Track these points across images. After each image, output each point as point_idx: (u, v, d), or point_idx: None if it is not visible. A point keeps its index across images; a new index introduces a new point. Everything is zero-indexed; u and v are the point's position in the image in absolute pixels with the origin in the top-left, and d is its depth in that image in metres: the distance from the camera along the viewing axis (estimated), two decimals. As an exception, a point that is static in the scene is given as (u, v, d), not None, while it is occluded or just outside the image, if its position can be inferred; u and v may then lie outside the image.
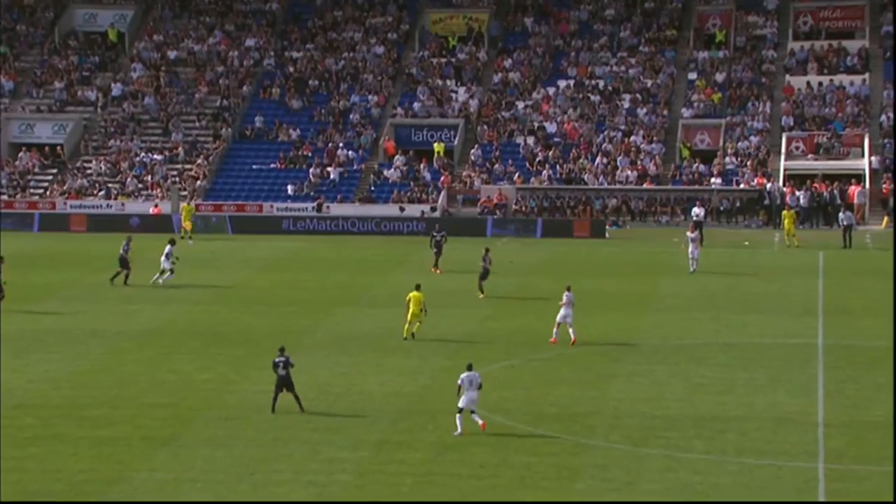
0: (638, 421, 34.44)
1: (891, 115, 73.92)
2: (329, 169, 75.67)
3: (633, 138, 75.37)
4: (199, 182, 75.99)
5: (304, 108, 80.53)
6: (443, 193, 73.11)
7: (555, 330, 42.27)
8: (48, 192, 76.49)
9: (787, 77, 77.86)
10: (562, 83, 79.52)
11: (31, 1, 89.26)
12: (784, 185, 70.76)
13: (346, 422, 34.68)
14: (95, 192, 75.93)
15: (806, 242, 63.06)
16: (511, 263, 58.53)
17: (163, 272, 52.50)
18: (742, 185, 71.54)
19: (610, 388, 37.72)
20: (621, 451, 32.07)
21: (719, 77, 78.21)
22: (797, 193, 69.59)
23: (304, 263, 60.51)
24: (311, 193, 74.15)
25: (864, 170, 71.00)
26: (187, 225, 67.11)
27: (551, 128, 76.91)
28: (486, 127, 77.53)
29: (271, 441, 32.68)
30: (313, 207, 72.57)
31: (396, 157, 76.34)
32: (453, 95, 79.61)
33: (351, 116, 79.29)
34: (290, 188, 74.68)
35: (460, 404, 33.13)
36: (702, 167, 72.91)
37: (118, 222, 70.63)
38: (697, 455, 31.77)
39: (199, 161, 77.49)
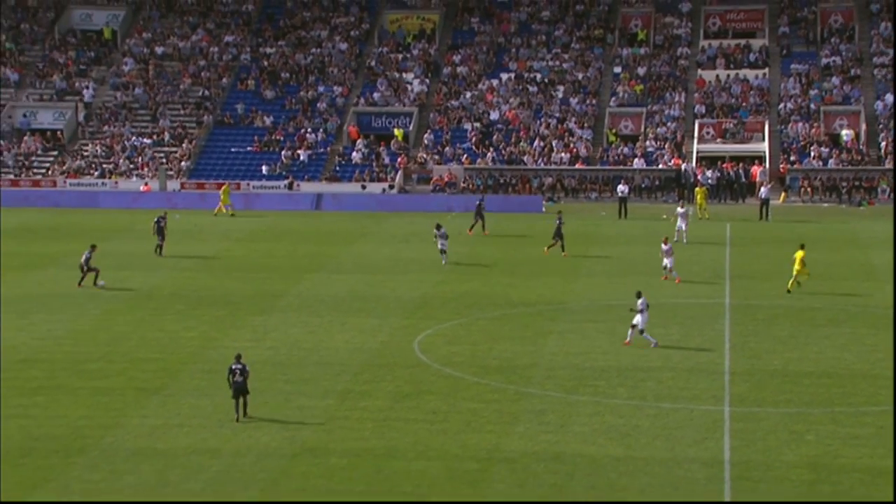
0: (570, 372, 34.60)
1: (787, 104, 74.33)
2: (299, 151, 75.33)
3: (566, 124, 75.44)
4: (183, 163, 75.49)
5: (277, 98, 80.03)
6: (400, 173, 72.95)
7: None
8: (49, 172, 75.71)
9: (699, 71, 78.12)
10: (504, 76, 79.42)
11: (33, 2, 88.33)
12: (696, 165, 71.09)
13: (314, 374, 34.66)
14: (92, 172, 75.27)
15: (715, 215, 63.47)
16: (459, 234, 58.52)
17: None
18: (661, 166, 71.80)
19: (546, 343, 37.87)
20: (555, 398, 32.23)
21: (641, 71, 78.36)
22: (708, 172, 69.93)
23: (276, 235, 60.25)
24: (283, 173, 73.81)
25: (764, 152, 71.43)
26: (227, 201, 66.31)
27: (495, 115, 76.82)
28: (437, 114, 77.36)
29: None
30: (285, 185, 72.25)
31: (358, 141, 76.07)
32: (408, 87, 79.33)
33: (318, 105, 78.90)
34: (264, 168, 74.29)
35: (634, 322, 36.18)
36: (626, 150, 73.10)
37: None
38: (621, 401, 31.98)
39: (184, 145, 76.96)
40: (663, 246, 46.83)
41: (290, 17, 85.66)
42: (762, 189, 64.74)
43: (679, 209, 55.99)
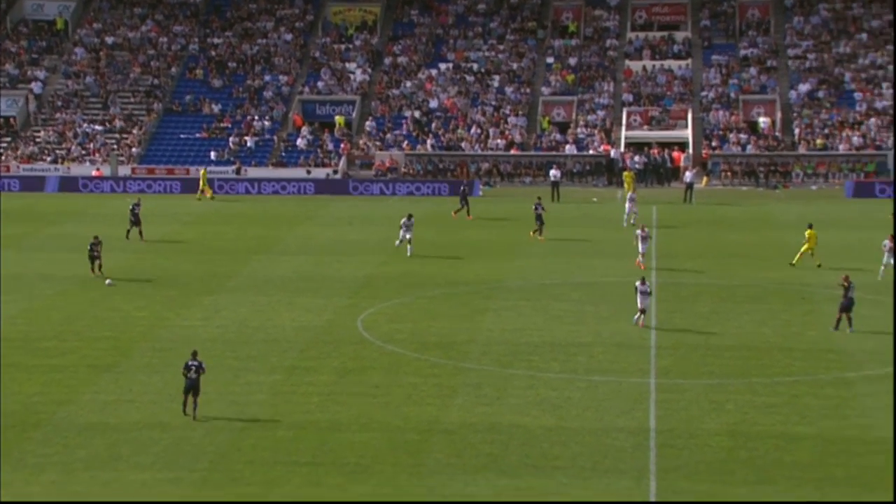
0: (505, 347, 34.75)
1: (709, 93, 74.95)
2: (246, 138, 74.75)
3: (501, 112, 75.53)
4: (134, 149, 74.65)
5: (225, 87, 79.32)
6: (343, 159, 72.66)
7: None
8: (3, 158, 74.47)
9: (627, 62, 78.54)
10: (442, 66, 79.30)
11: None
12: (625, 150, 71.52)
13: (262, 351, 34.53)
14: (44, 157, 74.18)
15: (642, 198, 63.91)
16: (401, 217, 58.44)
17: None
18: (591, 151, 72.14)
19: (482, 320, 37.98)
20: (492, 372, 32.36)
21: (572, 61, 78.62)
22: (635, 158, 70.39)
23: (225, 218, 59.83)
24: (231, 159, 73.22)
25: (688, 138, 72.03)
26: (207, 189, 65.73)
27: (434, 103, 76.72)
28: (379, 102, 77.12)
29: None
30: (233, 171, 71.67)
31: (303, 128, 75.64)
32: (351, 76, 78.98)
33: (264, 93, 78.31)
34: (212, 154, 73.63)
35: (642, 306, 35.86)
36: (558, 136, 73.35)
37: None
38: (554, 374, 32.18)
39: (134, 131, 76.09)
40: (639, 232, 45.32)
41: (237, 8, 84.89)
42: (686, 173, 65.30)
43: (630, 194, 56.19)
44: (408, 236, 47.71)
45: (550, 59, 78.93)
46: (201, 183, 66.19)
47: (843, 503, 23.93)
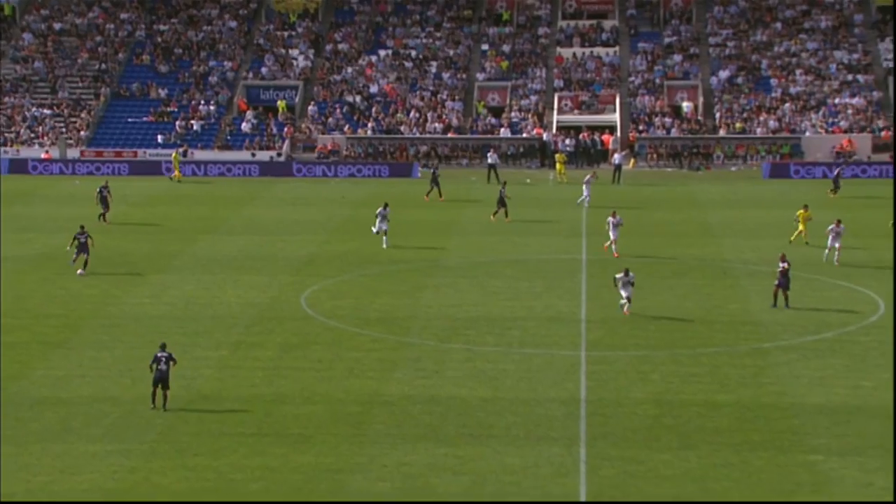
0: (444, 322, 34.82)
1: (635, 79, 75.40)
2: (192, 122, 73.90)
3: (439, 97, 75.40)
4: (82, 133, 73.53)
5: (171, 72, 78.31)
6: (287, 142, 72.15)
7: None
8: (-46, 141, 73.03)
9: (558, 49, 78.73)
10: (382, 52, 78.93)
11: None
12: (556, 134, 71.76)
13: (209, 327, 34.29)
14: (-5, 140, 72.91)
15: (573, 179, 64.25)
16: (343, 198, 58.29)
17: None
18: (524, 135, 72.29)
19: (422, 296, 38.01)
20: (431, 347, 32.41)
21: (506, 48, 78.64)
22: (566, 141, 70.67)
23: (172, 199, 59.20)
24: (178, 142, 72.34)
25: (616, 122, 72.45)
26: (178, 171, 64.83)
27: (374, 88, 76.39)
28: (321, 87, 76.63)
29: (147, 343, 32.12)
30: (180, 153, 70.77)
31: (248, 112, 74.94)
32: (294, 62, 78.37)
33: (210, 79, 77.44)
34: (160, 138, 72.72)
35: (626, 294, 34.71)
36: (493, 120, 73.39)
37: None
38: (490, 348, 32.31)
39: (83, 115, 74.91)
40: (610, 219, 43.41)
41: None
42: (615, 156, 65.69)
43: (586, 177, 56.23)
44: (384, 227, 44.99)
45: (485, 47, 78.89)
46: (174, 165, 65.43)
47: (847, 503, 23.04)
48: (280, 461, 24.72)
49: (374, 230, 45.71)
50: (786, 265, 35.69)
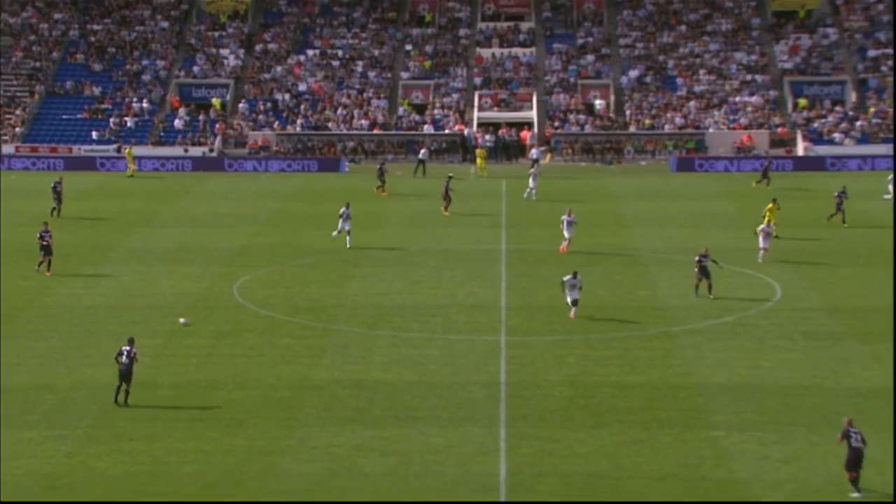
0: (370, 310, 34.74)
1: (551, 78, 75.85)
2: (126, 119, 72.66)
3: (365, 95, 75.10)
4: (17, 129, 71.91)
5: (105, 70, 76.91)
6: (218, 138, 71.30)
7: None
8: None
9: (478, 49, 78.87)
10: (310, 52, 78.37)
11: None
12: (477, 130, 71.92)
13: (144, 316, 33.81)
14: (-70, 137, 70.96)
15: (493, 173, 64.51)
16: (273, 192, 57.82)
17: None
18: (447, 131, 72.33)
19: (349, 286, 37.88)
20: (358, 334, 32.33)
21: (428, 48, 78.57)
22: (486, 136, 70.87)
23: (107, 194, 58.19)
24: (112, 138, 71.13)
25: (533, 118, 72.82)
26: (132, 166, 63.58)
27: (302, 87, 75.84)
28: (251, 86, 75.86)
29: (83, 333, 31.61)
30: (114, 149, 69.68)
31: (180, 109, 73.92)
32: (225, 61, 77.46)
33: (143, 77, 76.20)
34: (94, 134, 71.40)
35: (573, 297, 33.02)
36: (417, 117, 73.30)
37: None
38: (414, 334, 32.33)
39: (17, 112, 73.27)
40: (565, 217, 42.34)
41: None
42: (532, 151, 66.03)
43: (532, 170, 56.23)
44: (346, 227, 42.92)
45: (409, 47, 78.74)
46: (128, 161, 64.42)
47: (847, 503, 22.23)
48: (213, 444, 24.48)
49: (336, 233, 43.34)
50: (704, 258, 35.76)
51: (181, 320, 31.73)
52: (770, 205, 44.99)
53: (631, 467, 23.54)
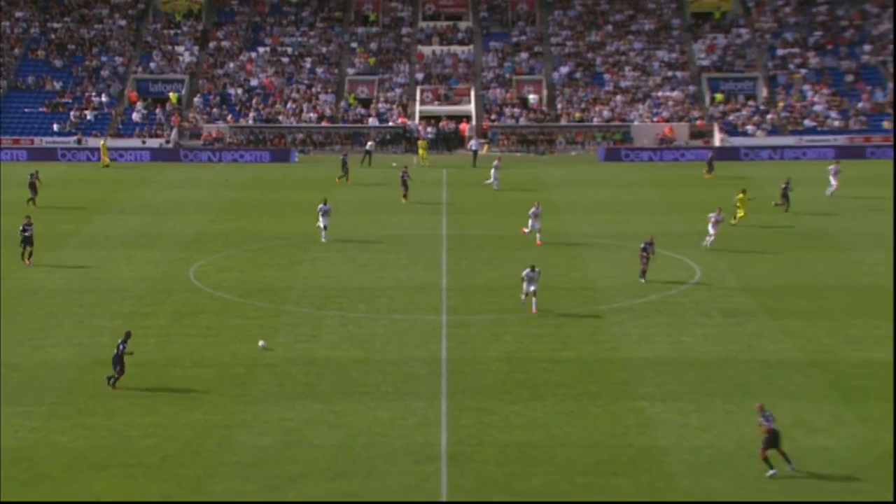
0: (319, 292, 34.60)
1: (488, 74, 75.89)
2: (86, 112, 71.40)
3: (313, 90, 74.56)
4: (-19, 121, 70.38)
5: (65, 66, 75.44)
6: (174, 131, 70.36)
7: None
8: None
9: (419, 47, 78.63)
10: (261, 49, 77.58)
11: None
12: (419, 122, 71.78)
13: (104, 299, 33.33)
14: None
15: (434, 163, 64.47)
16: (227, 181, 57.25)
17: None
18: (391, 123, 72.10)
19: (300, 269, 37.68)
20: (308, 314, 32.19)
21: (373, 46, 78.18)
22: (428, 129, 70.77)
23: (68, 183, 57.17)
24: (72, 131, 69.87)
25: (471, 112, 72.82)
26: (105, 158, 62.49)
27: (254, 82, 75.08)
28: (206, 81, 74.92)
29: (46, 315, 31.09)
30: (74, 141, 68.45)
31: (138, 103, 72.82)
32: (180, 57, 76.40)
33: (102, 73, 74.89)
34: (55, 126, 70.09)
35: (530, 289, 31.81)
36: (362, 110, 72.94)
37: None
38: (361, 314, 32.26)
39: (-19, 105, 71.68)
40: (533, 210, 41.27)
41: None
42: (471, 142, 66.06)
43: (495, 162, 56.06)
44: (324, 223, 41.32)
45: (354, 44, 78.30)
46: (102, 153, 63.30)
47: (848, 503, 20.58)
48: (171, 419, 24.24)
49: (320, 224, 41.71)
50: (649, 245, 35.75)
51: (260, 343, 29.08)
52: (740, 195, 44.42)
53: (562, 436, 23.73)
